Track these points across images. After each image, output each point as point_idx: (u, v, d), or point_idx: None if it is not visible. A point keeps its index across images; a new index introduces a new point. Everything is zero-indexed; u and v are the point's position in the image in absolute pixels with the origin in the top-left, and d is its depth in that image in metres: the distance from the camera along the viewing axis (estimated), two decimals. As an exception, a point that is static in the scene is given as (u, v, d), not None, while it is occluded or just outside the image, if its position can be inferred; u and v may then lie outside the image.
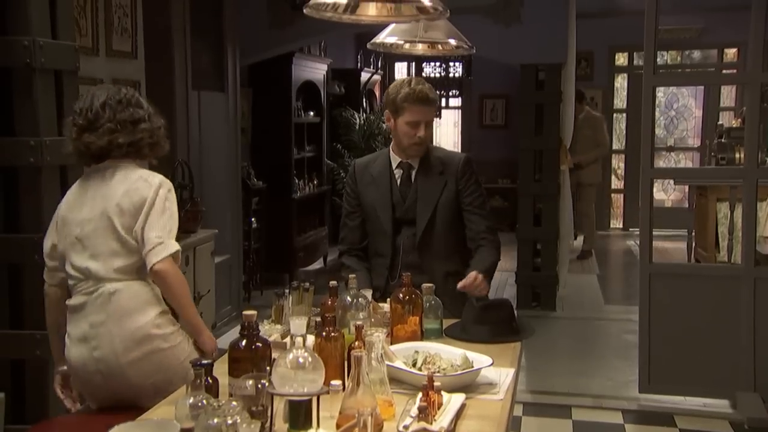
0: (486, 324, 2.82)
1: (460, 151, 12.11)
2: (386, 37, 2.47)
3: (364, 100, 10.65)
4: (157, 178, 2.64)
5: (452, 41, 2.52)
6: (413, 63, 11.13)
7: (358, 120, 9.10)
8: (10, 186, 3.29)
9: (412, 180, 3.25)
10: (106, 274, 2.60)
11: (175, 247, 2.57)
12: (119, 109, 2.62)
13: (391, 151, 3.29)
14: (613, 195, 11.94)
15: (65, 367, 2.73)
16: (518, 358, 2.65)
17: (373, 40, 2.53)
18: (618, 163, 12.02)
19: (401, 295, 2.71)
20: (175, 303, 2.63)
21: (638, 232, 4.96)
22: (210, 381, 2.10)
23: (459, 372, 2.31)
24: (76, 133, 2.62)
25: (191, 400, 1.91)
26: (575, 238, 10.50)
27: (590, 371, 5.53)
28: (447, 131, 12.37)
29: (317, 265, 8.75)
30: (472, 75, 11.58)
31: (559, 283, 7.19)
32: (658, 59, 4.80)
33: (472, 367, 2.36)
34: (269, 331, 2.65)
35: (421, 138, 3.13)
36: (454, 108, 12.11)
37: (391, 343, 2.68)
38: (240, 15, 6.76)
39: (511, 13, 6.93)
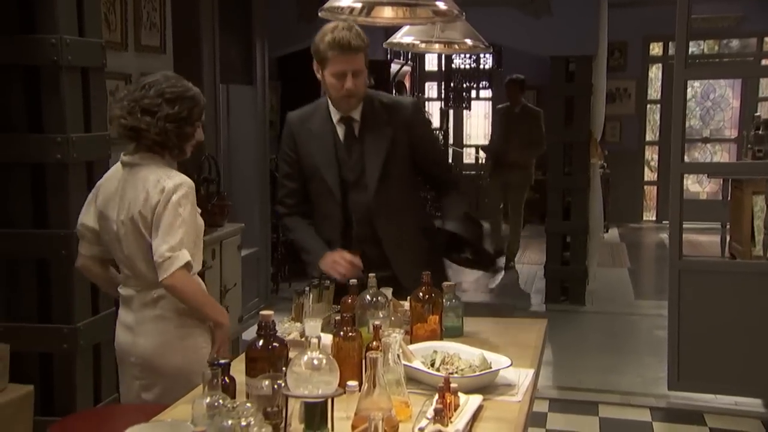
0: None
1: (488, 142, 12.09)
2: (403, 36, 2.45)
3: (393, 91, 10.63)
4: (172, 181, 2.57)
5: (468, 41, 2.48)
6: (442, 54, 11.05)
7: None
8: (38, 182, 3.34)
9: (356, 135, 2.98)
10: (147, 276, 2.62)
11: (185, 258, 2.52)
12: (150, 95, 2.58)
13: (330, 104, 3.00)
14: (646, 187, 11.80)
15: None
16: (539, 358, 2.63)
17: (389, 40, 2.51)
18: (651, 155, 11.88)
19: (421, 294, 2.70)
20: (193, 310, 2.64)
21: (671, 226, 4.89)
22: (227, 381, 2.11)
23: (477, 373, 2.30)
24: (116, 100, 2.65)
25: (208, 400, 1.91)
26: (606, 231, 10.41)
27: (619, 367, 5.48)
28: (477, 122, 12.31)
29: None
30: (503, 66, 11.48)
31: (588, 277, 7.13)
32: (694, 49, 4.74)
33: (491, 368, 2.34)
34: (289, 329, 2.65)
35: (349, 90, 2.84)
36: (485, 99, 12.04)
37: (411, 342, 2.67)
38: (269, 8, 6.77)
39: (542, 4, 6.87)
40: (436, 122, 11.64)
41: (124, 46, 4.79)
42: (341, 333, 2.33)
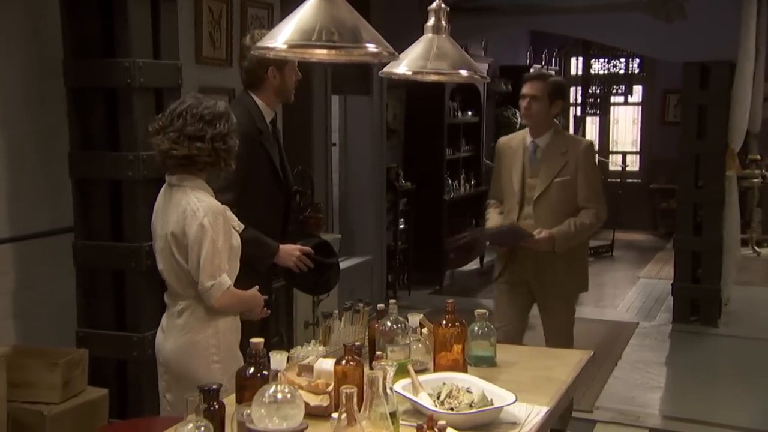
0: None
1: (639, 150, 11.61)
2: (396, 67, 2.42)
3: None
4: (201, 209, 2.68)
5: (463, 72, 2.38)
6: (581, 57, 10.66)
7: (519, 119, 8.91)
8: (116, 197, 3.54)
9: (278, 136, 3.37)
10: (176, 289, 2.81)
11: (226, 284, 2.71)
12: (190, 122, 2.70)
13: (262, 107, 3.25)
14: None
15: None
16: (560, 396, 2.48)
17: (384, 69, 2.48)
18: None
19: (444, 322, 2.64)
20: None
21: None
22: (216, 406, 2.15)
23: (471, 411, 2.21)
24: (153, 131, 2.77)
25: (189, 427, 1.97)
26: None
27: (740, 399, 5.07)
28: (625, 128, 11.78)
29: (473, 265, 8.67)
30: (652, 70, 10.94)
31: (723, 297, 6.65)
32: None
33: (491, 404, 2.25)
34: (312, 351, 2.66)
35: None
36: (634, 104, 11.53)
37: (435, 370, 2.63)
38: (390, 17, 6.80)
39: (675, 7, 6.49)
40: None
41: (228, 62, 4.99)
42: (343, 362, 2.32)
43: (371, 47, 1.68)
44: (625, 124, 11.77)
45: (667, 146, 10.61)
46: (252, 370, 2.20)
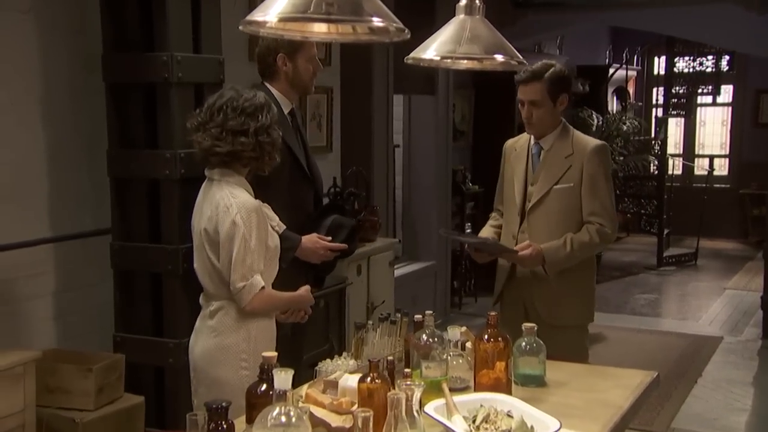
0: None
1: (728, 153, 11.02)
2: (423, 52, 2.18)
3: (614, 98, 9.98)
4: (235, 205, 2.54)
5: (498, 57, 2.11)
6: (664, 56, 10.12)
7: (595, 121, 8.50)
8: (155, 197, 3.40)
9: (299, 128, 3.21)
10: (209, 289, 2.67)
11: (258, 285, 2.55)
12: (231, 116, 2.58)
13: (278, 97, 3.08)
14: None
15: None
16: (614, 424, 2.19)
17: (411, 54, 2.24)
18: None
19: (486, 337, 2.38)
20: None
21: None
22: (224, 426, 1.95)
23: (507, 440, 1.95)
24: (192, 128, 2.66)
25: (191, 448, 1.79)
26: None
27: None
28: (713, 130, 11.19)
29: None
30: (747, 65, 10.33)
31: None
32: None
33: (531, 433, 1.98)
34: (341, 366, 2.44)
35: (319, 70, 3.20)
36: (723, 105, 10.92)
37: (475, 390, 2.37)
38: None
39: (768, -3, 6.04)
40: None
41: (283, 59, 4.82)
42: (367, 379, 2.09)
43: (375, 21, 1.44)
44: (713, 126, 11.17)
45: (760, 149, 10.03)
46: (264, 387, 1.99)
